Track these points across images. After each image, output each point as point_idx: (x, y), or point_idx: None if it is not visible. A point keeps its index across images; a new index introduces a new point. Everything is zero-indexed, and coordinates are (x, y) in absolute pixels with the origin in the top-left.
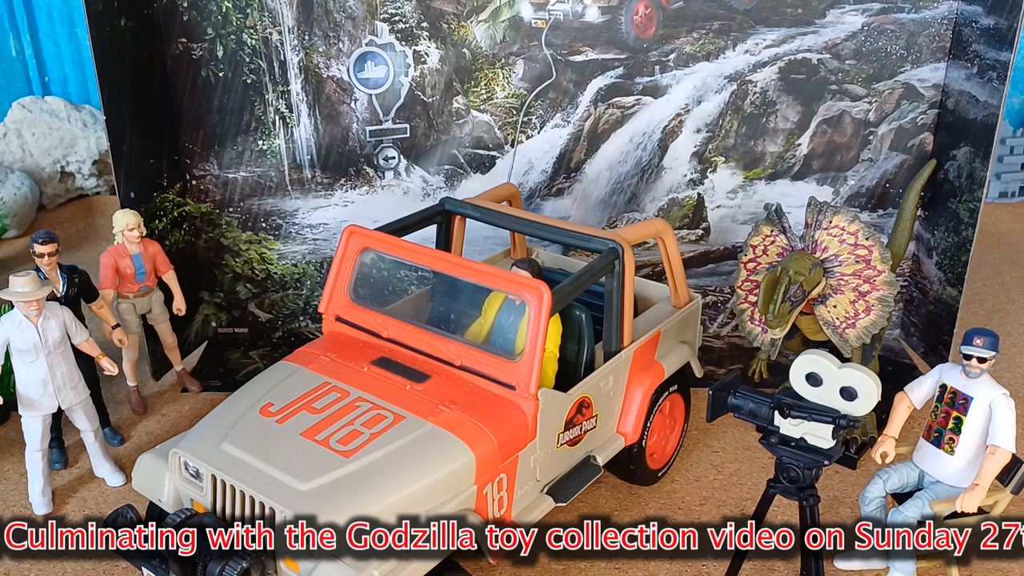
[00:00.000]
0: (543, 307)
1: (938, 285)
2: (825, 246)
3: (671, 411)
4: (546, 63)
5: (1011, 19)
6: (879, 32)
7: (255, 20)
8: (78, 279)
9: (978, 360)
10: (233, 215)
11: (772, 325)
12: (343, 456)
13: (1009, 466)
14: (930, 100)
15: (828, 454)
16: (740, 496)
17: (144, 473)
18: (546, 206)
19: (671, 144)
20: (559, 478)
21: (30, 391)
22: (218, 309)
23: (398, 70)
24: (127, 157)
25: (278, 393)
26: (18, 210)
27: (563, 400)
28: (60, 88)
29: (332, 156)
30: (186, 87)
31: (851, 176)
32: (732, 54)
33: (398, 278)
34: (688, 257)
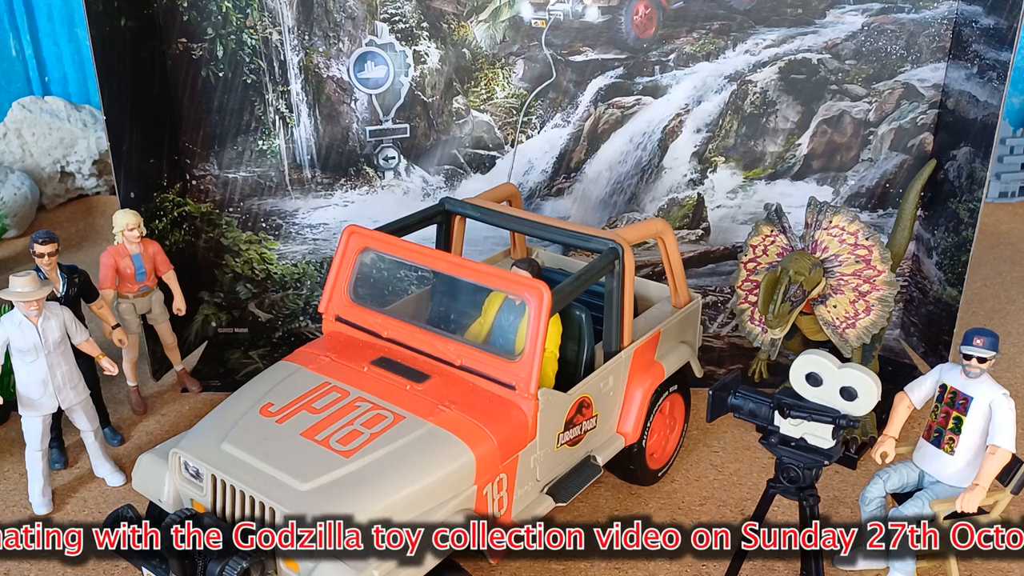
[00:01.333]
0: (543, 307)
1: (938, 285)
2: (825, 246)
3: (671, 411)
4: (546, 63)
5: (1011, 19)
6: (879, 32)
7: (255, 20)
8: (78, 279)
9: (978, 360)
10: (233, 215)
11: (772, 325)
12: (343, 456)
13: (1009, 466)
14: (930, 100)
15: (828, 454)
16: (740, 496)
17: (144, 473)
18: (546, 206)
19: (671, 144)
20: (559, 478)
21: (30, 391)
22: (218, 309)
23: (398, 70)
24: (127, 157)
25: (278, 393)
26: (18, 210)
27: (563, 400)
28: (60, 88)
29: (332, 156)
30: (186, 87)
31: (851, 176)
32: (732, 54)
33: (398, 278)
34: (688, 257)
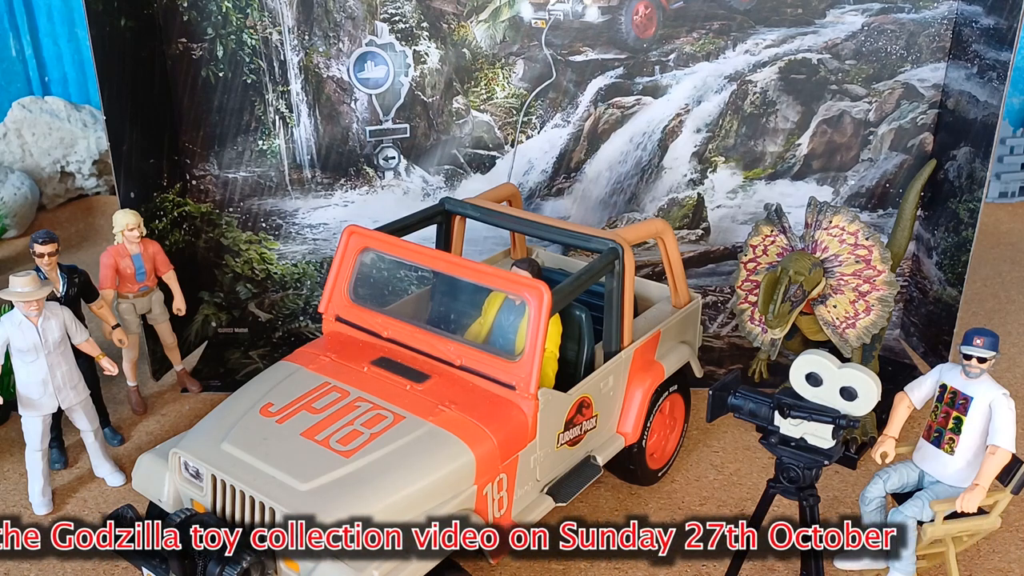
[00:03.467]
0: (543, 307)
1: (938, 285)
2: (825, 246)
3: (671, 411)
4: (546, 63)
5: (1011, 19)
6: (879, 32)
7: (255, 20)
8: (78, 279)
9: (978, 360)
10: (233, 215)
11: (772, 325)
12: (343, 456)
13: (1009, 466)
14: (930, 100)
15: (828, 454)
16: (740, 496)
17: (144, 473)
18: (546, 206)
19: (671, 144)
20: (559, 478)
21: (30, 391)
22: (218, 309)
23: (398, 70)
24: (127, 157)
25: (278, 393)
26: (18, 210)
27: (563, 400)
28: (60, 88)
29: (332, 156)
30: (186, 87)
31: (851, 176)
32: (732, 54)
33: (398, 278)
34: (688, 257)
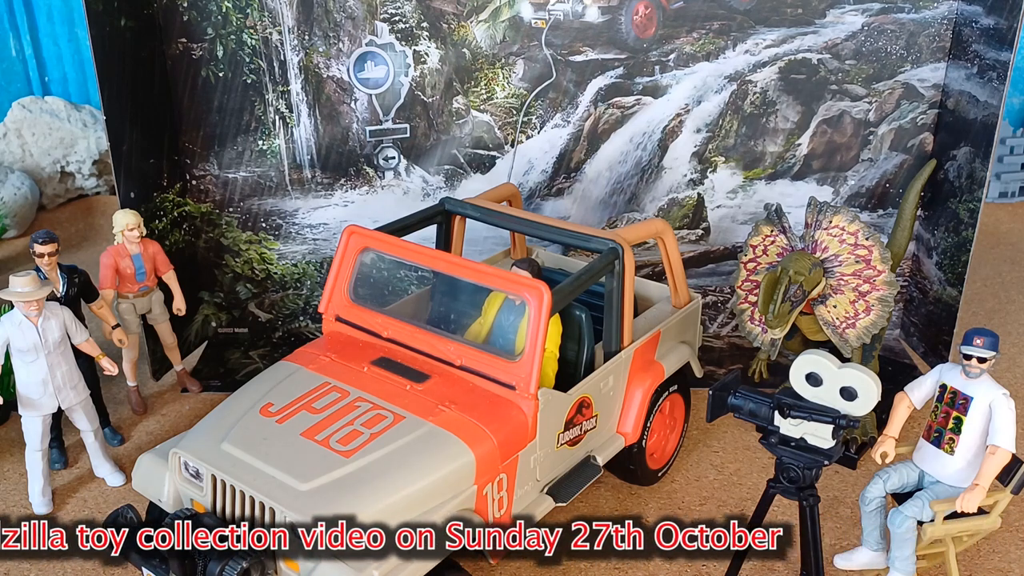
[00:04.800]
0: (543, 307)
1: (938, 285)
2: (825, 246)
3: (671, 411)
4: (546, 63)
5: (1011, 19)
6: (879, 32)
7: (255, 20)
8: (78, 279)
9: (978, 360)
10: (233, 215)
11: (772, 325)
12: (343, 456)
13: (1009, 466)
14: (930, 100)
15: (828, 454)
16: (740, 496)
17: (144, 473)
18: (546, 206)
19: (671, 144)
20: (559, 478)
21: (30, 391)
22: (218, 309)
23: (398, 70)
24: (127, 157)
25: (278, 393)
26: (18, 210)
27: (563, 400)
28: (60, 88)
29: (332, 156)
30: (186, 87)
31: (851, 176)
32: (732, 54)
33: (398, 278)
34: (688, 257)
